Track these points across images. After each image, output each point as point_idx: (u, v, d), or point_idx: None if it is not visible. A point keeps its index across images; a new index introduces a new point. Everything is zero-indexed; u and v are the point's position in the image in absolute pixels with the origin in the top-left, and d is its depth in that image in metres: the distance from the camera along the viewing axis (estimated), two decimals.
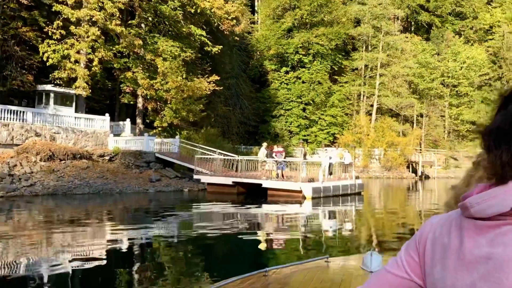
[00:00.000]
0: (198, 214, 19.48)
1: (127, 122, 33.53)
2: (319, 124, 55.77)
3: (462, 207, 0.92)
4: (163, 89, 32.39)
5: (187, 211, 20.21)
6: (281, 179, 23.66)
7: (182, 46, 34.94)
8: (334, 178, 26.82)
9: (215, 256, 11.23)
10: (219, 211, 20.42)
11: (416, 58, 58.80)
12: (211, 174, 25.97)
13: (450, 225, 0.95)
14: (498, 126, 0.89)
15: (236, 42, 48.88)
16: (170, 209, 20.28)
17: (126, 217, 17.96)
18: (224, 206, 22.14)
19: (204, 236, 13.36)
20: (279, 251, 11.97)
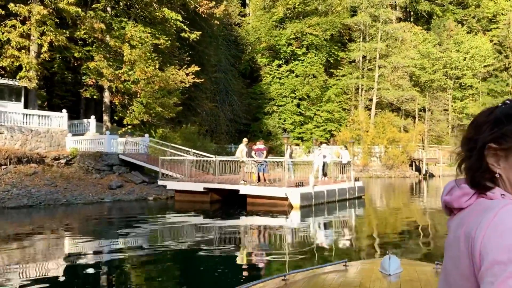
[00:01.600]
0: (148, 233, 14.40)
1: (91, 119, 28.48)
2: (315, 121, 50.71)
3: None
4: (131, 81, 27.36)
5: (136, 228, 15.15)
6: (263, 183, 18.60)
7: (155, 32, 29.91)
8: (329, 180, 21.76)
9: None
10: (181, 226, 15.42)
11: (417, 49, 53.72)
12: (179, 179, 20.91)
13: None
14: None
15: (221, 32, 43.78)
16: (116, 225, 15.21)
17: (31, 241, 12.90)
18: (190, 219, 17.13)
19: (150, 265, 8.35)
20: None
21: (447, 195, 1.09)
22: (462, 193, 1.04)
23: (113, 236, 13.61)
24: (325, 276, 5.33)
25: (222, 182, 19.39)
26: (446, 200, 1.09)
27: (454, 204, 1.05)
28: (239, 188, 18.69)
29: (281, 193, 17.71)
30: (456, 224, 1.02)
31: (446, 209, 1.11)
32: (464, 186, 1.05)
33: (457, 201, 1.05)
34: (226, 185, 19.14)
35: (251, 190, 18.40)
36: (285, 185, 17.75)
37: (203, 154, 23.87)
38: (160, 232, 14.50)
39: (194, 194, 20.19)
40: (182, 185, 20.35)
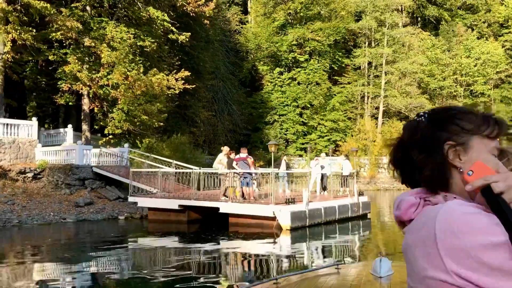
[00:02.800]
0: (105, 263, 11.12)
1: (68, 129, 25.41)
2: (319, 131, 47.32)
3: None
4: (110, 85, 24.30)
5: (89, 257, 11.87)
6: (248, 200, 15.27)
7: (140, 33, 26.91)
8: (328, 195, 18.41)
9: None
10: (149, 252, 12.25)
11: (425, 55, 50.34)
12: (151, 195, 17.66)
13: None
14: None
15: (217, 36, 40.76)
16: (65, 252, 11.95)
17: None
18: (162, 242, 13.93)
19: None
20: None
21: (397, 210, 1.07)
22: (410, 205, 1.04)
23: (55, 268, 10.36)
24: (317, 279, 5.32)
25: (200, 198, 16.09)
26: (396, 215, 1.07)
27: (404, 217, 1.05)
28: (219, 206, 15.39)
29: (268, 212, 14.40)
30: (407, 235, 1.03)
31: (400, 223, 1.09)
32: (410, 198, 1.05)
33: (406, 213, 1.04)
34: (204, 202, 15.85)
35: (232, 208, 15.11)
36: (272, 202, 14.42)
37: (186, 165, 20.64)
38: (121, 261, 11.27)
39: (169, 213, 16.94)
40: (155, 202, 17.10)
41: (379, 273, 4.73)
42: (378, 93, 48.39)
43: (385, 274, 4.68)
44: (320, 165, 19.58)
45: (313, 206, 15.44)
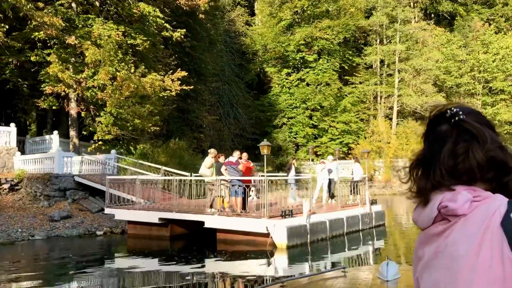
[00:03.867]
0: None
1: (54, 135, 23.08)
2: (330, 133, 44.46)
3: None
4: (97, 87, 21.96)
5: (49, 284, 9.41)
6: (238, 212, 12.62)
7: (131, 31, 24.59)
8: (335, 205, 15.71)
9: None
10: (120, 276, 9.79)
11: (440, 51, 47.28)
12: (129, 206, 15.13)
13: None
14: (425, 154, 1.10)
15: (219, 36, 38.30)
16: (17, 276, 9.49)
17: None
18: (135, 265, 11.43)
19: None
20: None
21: (453, 202, 1.03)
22: (467, 199, 1.01)
23: None
24: (323, 282, 5.30)
25: (183, 210, 13.51)
26: (453, 208, 1.02)
27: (459, 212, 1.01)
28: (204, 220, 12.81)
29: (260, 227, 11.77)
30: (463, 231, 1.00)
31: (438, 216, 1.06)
32: (466, 193, 1.02)
33: (462, 207, 1.01)
34: (188, 215, 13.28)
35: (219, 222, 12.51)
36: (265, 215, 11.78)
37: (177, 172, 18.15)
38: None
39: (150, 227, 14.41)
40: (133, 214, 14.59)
41: (386, 277, 4.55)
42: (392, 92, 45.42)
43: (392, 278, 4.51)
44: (328, 169, 16.89)
45: (316, 219, 12.77)
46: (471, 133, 1.05)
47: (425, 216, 1.06)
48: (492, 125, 1.09)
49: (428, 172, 1.07)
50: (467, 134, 1.05)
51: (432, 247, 1.03)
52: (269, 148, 12.15)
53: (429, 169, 1.07)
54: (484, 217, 0.97)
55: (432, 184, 1.06)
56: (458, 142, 1.05)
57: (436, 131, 1.10)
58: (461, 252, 0.97)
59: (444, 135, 1.07)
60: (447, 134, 1.07)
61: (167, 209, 13.77)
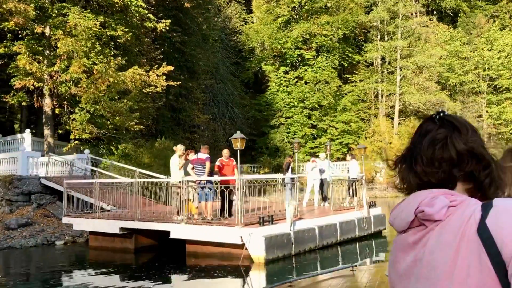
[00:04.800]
0: None
1: (26, 134, 20.99)
2: (329, 133, 42.22)
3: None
4: (71, 81, 19.88)
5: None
6: (209, 220, 10.43)
7: (111, 22, 22.55)
8: (328, 208, 13.54)
9: None
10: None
11: (443, 48, 45.03)
12: (88, 215, 12.99)
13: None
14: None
15: (211, 31, 36.19)
16: None
17: None
18: (92, 283, 9.32)
19: None
20: None
21: (430, 207, 1.00)
22: (444, 205, 1.00)
23: None
24: (331, 281, 5.20)
25: (147, 218, 11.35)
26: (430, 213, 1.00)
27: (436, 217, 1.00)
28: (170, 229, 10.65)
29: (234, 237, 9.60)
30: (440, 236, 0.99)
31: (416, 222, 1.04)
32: (443, 198, 1.01)
33: (439, 213, 1.00)
34: (151, 223, 11.12)
35: (187, 232, 10.36)
36: (240, 222, 9.61)
37: (152, 174, 16.03)
38: None
39: (113, 238, 12.26)
40: (92, 223, 12.43)
41: None
42: (393, 90, 43.18)
43: None
44: (319, 169, 14.72)
45: (303, 226, 10.60)
46: (453, 124, 1.08)
47: (402, 219, 1.05)
48: (475, 128, 1.12)
49: (410, 163, 1.08)
50: (449, 126, 1.08)
51: (411, 255, 1.02)
52: (243, 142, 9.99)
53: (412, 159, 1.08)
54: (459, 223, 0.96)
55: (414, 176, 1.06)
56: (439, 132, 1.06)
57: (422, 128, 1.12)
58: (439, 261, 0.95)
59: (428, 130, 1.09)
60: (430, 128, 1.09)
61: (129, 218, 11.62)
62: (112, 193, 14.03)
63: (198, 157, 10.60)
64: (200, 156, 10.59)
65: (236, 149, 9.81)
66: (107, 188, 13.26)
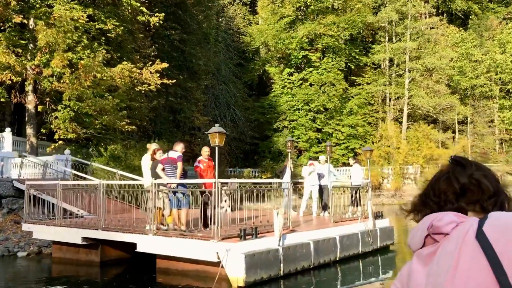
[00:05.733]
0: None
1: (6, 133, 19.31)
2: (335, 137, 40.35)
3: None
4: (53, 76, 18.23)
5: None
6: (182, 231, 8.58)
7: (101, 15, 20.95)
8: (327, 219, 11.70)
9: None
10: None
11: (454, 50, 43.03)
12: (49, 221, 11.23)
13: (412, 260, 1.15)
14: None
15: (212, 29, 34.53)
16: None
17: None
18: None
19: None
20: None
21: (439, 221, 1.11)
22: (452, 220, 1.09)
23: None
24: None
25: (111, 228, 9.57)
26: (438, 226, 1.11)
27: (443, 230, 1.09)
28: (136, 241, 8.87)
29: (209, 254, 7.80)
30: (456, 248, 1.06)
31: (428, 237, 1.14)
32: (451, 215, 1.11)
33: (446, 227, 1.09)
34: (116, 234, 9.34)
35: (155, 245, 8.57)
36: (216, 235, 7.80)
37: (133, 177, 14.29)
38: None
39: (78, 249, 10.50)
40: (54, 232, 10.67)
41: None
42: (402, 93, 41.23)
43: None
44: (318, 173, 12.89)
45: (295, 240, 8.78)
46: (458, 162, 1.21)
47: (418, 237, 1.13)
48: (481, 164, 1.20)
49: (424, 198, 1.21)
50: (455, 163, 1.21)
51: (426, 269, 1.09)
52: (223, 137, 8.18)
53: (424, 194, 1.21)
54: (460, 234, 1.05)
55: (428, 209, 1.19)
56: (444, 168, 1.22)
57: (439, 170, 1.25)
58: (442, 269, 1.04)
59: (440, 169, 1.24)
60: (443, 169, 1.23)
61: (92, 226, 9.86)
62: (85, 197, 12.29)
63: (169, 156, 8.84)
64: (171, 155, 8.82)
65: (214, 146, 8.01)
66: (70, 191, 11.51)
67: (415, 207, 1.21)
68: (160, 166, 8.84)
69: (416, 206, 1.21)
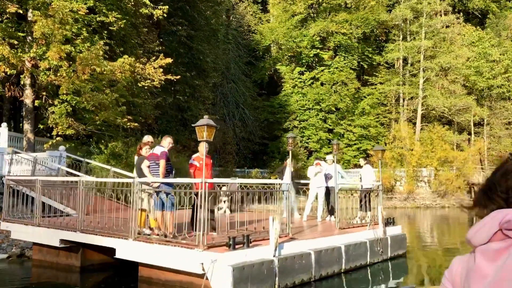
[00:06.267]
0: None
1: (2, 128, 18.49)
2: (346, 138, 39.13)
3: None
4: (50, 69, 17.37)
5: None
6: (167, 237, 7.53)
7: (103, 7, 20.07)
8: (333, 225, 10.60)
9: None
10: None
11: (470, 50, 41.49)
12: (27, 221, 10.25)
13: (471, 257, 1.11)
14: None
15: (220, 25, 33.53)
16: None
17: None
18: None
19: None
20: None
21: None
22: None
23: None
24: None
25: (89, 230, 8.55)
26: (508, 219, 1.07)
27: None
28: (116, 246, 7.86)
29: (193, 264, 6.74)
30: None
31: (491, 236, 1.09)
32: None
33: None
34: (95, 237, 8.33)
35: (136, 251, 7.55)
36: (201, 244, 6.73)
37: (128, 174, 13.35)
38: None
39: (58, 251, 9.54)
40: (32, 232, 9.70)
41: None
42: (416, 93, 39.80)
43: None
44: (325, 174, 11.78)
45: (293, 249, 7.68)
46: None
47: (484, 232, 1.08)
48: None
49: (489, 193, 1.15)
50: None
51: (495, 264, 1.04)
52: (212, 131, 7.10)
53: (489, 190, 1.15)
54: None
55: (494, 204, 1.13)
56: (510, 164, 1.15)
57: (500, 164, 1.18)
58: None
59: (503, 164, 1.17)
60: (505, 162, 1.17)
61: (71, 227, 8.87)
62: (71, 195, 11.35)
63: (153, 151, 7.81)
64: (155, 151, 7.80)
65: (201, 140, 6.94)
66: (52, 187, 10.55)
67: (480, 201, 1.16)
68: (146, 163, 7.82)
69: (481, 201, 1.16)
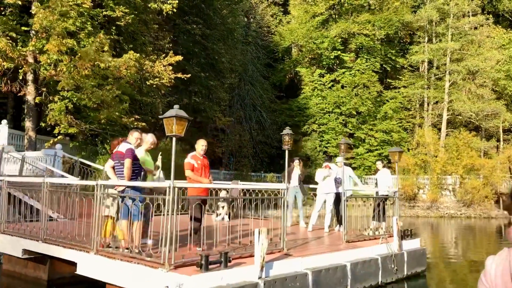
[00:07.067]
0: None
1: (2, 126, 17.57)
2: (367, 143, 37.39)
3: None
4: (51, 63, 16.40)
5: None
6: (132, 251, 6.21)
7: (109, 1, 19.09)
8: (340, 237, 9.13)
9: None
10: None
11: (500, 53, 39.24)
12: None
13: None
14: None
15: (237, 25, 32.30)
16: None
17: None
18: None
19: None
20: None
21: None
22: None
23: None
24: None
25: (52, 240, 7.30)
26: None
27: None
28: (77, 260, 6.58)
29: (156, 286, 5.38)
30: None
31: None
32: None
33: None
34: (57, 248, 7.07)
35: (96, 267, 6.24)
36: (168, 263, 5.38)
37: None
38: None
39: (27, 262, 8.32)
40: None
41: None
42: (441, 97, 37.77)
43: None
44: (335, 178, 10.33)
45: (285, 269, 6.27)
46: None
47: None
48: None
49: None
50: None
51: None
52: (183, 124, 5.69)
53: None
54: None
55: None
56: None
57: None
58: None
59: None
60: None
61: (34, 236, 7.65)
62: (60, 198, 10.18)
63: (118, 149, 6.54)
64: (120, 148, 6.52)
65: (169, 135, 5.61)
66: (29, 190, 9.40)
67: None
68: (109, 163, 6.54)
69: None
